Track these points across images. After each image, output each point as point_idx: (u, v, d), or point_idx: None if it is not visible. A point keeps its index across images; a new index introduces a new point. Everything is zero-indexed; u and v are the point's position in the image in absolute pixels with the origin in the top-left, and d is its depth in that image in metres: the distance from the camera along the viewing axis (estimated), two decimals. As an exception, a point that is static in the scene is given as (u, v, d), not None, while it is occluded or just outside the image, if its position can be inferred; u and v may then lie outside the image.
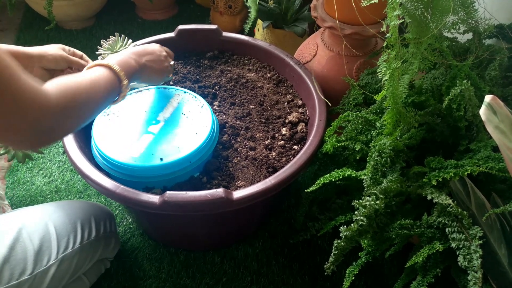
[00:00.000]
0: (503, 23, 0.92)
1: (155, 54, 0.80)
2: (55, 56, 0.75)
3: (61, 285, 0.76)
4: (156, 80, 0.85)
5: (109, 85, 0.64)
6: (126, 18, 1.77)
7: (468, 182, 0.68)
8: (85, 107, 0.59)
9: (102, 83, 0.63)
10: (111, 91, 0.65)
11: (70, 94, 0.55)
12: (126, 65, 0.69)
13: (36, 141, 0.52)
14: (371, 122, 0.81)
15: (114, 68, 0.66)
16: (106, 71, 0.65)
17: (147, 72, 0.77)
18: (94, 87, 0.61)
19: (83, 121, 0.61)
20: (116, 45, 0.95)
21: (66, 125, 0.56)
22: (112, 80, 0.65)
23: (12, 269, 0.67)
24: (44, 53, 0.74)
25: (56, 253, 0.73)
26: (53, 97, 0.52)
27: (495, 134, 0.54)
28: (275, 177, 0.78)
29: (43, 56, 0.74)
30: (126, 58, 0.71)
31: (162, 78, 0.85)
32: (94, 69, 0.64)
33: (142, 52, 0.77)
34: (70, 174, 1.18)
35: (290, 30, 1.30)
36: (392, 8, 0.61)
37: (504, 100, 0.81)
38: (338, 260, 0.68)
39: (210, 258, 1.00)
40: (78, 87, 0.57)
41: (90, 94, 0.59)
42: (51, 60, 0.75)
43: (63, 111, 0.53)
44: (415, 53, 0.67)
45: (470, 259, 0.60)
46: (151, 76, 0.81)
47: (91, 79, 0.61)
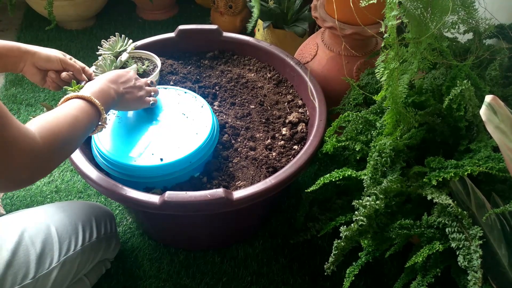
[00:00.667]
0: (504, 23, 0.92)
1: (131, 81, 0.78)
2: (48, 54, 0.75)
3: (63, 287, 0.76)
4: (132, 109, 0.84)
5: (89, 120, 0.64)
6: (126, 18, 1.77)
7: (468, 182, 0.68)
8: (68, 144, 0.60)
9: (84, 119, 0.63)
10: (91, 125, 0.65)
11: (54, 134, 0.56)
12: (105, 96, 0.68)
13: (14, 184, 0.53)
14: (371, 122, 0.81)
15: (95, 102, 0.65)
16: (86, 106, 0.64)
17: (124, 101, 0.76)
18: (75, 124, 0.61)
19: (65, 158, 0.62)
20: (116, 45, 0.95)
21: (50, 164, 0.57)
22: (92, 115, 0.65)
23: (15, 273, 0.67)
24: (38, 49, 0.75)
25: (58, 256, 0.73)
26: (40, 140, 0.53)
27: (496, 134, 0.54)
28: (275, 177, 0.78)
29: (36, 53, 0.74)
30: (105, 88, 0.70)
31: (138, 107, 0.83)
32: (74, 103, 0.63)
33: (118, 79, 0.75)
34: (70, 174, 1.18)
35: (291, 30, 1.30)
36: (390, 9, 0.61)
37: (504, 100, 0.81)
38: (338, 260, 0.68)
39: (210, 258, 1.00)
40: (61, 127, 0.58)
41: (71, 132, 0.59)
42: (43, 58, 0.75)
43: (49, 151, 0.55)
44: (414, 53, 0.67)
45: (470, 259, 0.60)
46: (128, 105, 0.79)
47: (72, 115, 0.61)
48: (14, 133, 0.48)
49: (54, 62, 0.76)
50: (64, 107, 0.62)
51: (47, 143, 0.54)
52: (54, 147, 0.56)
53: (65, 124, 0.58)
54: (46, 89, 1.44)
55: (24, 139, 0.50)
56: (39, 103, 1.38)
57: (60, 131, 0.57)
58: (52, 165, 0.58)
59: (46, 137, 0.54)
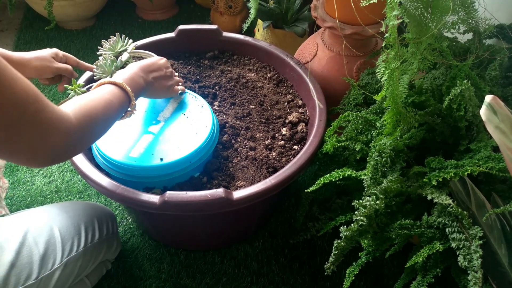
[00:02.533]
0: (504, 23, 0.92)
1: (162, 70, 0.81)
2: (37, 67, 0.77)
3: None
4: (161, 97, 0.87)
5: (120, 105, 0.67)
6: (126, 18, 1.77)
7: (468, 182, 0.68)
8: (101, 127, 0.63)
9: (115, 103, 0.65)
10: (121, 110, 0.68)
11: (89, 116, 0.58)
12: (134, 84, 0.71)
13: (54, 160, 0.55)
14: (371, 122, 0.81)
15: (126, 88, 0.68)
16: (118, 91, 0.67)
17: (152, 89, 0.79)
18: (109, 107, 0.64)
19: (96, 139, 0.65)
20: (116, 45, 0.95)
21: (83, 144, 0.60)
22: (123, 100, 0.68)
23: (18, 274, 0.68)
24: (27, 62, 0.76)
25: (61, 257, 0.74)
26: (74, 120, 0.55)
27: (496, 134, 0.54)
28: (275, 177, 0.78)
29: (25, 66, 0.76)
30: (135, 76, 0.72)
31: (167, 95, 0.86)
32: (107, 88, 0.66)
33: (149, 67, 0.77)
34: (70, 174, 1.18)
35: (290, 30, 1.30)
36: (391, 8, 0.61)
37: (504, 100, 0.81)
38: (338, 260, 0.68)
39: (210, 258, 1.00)
40: (95, 108, 0.60)
41: (105, 114, 0.62)
42: (33, 72, 0.77)
43: (83, 132, 0.57)
44: (414, 53, 0.67)
45: (470, 259, 0.60)
46: (156, 93, 0.82)
47: (106, 99, 0.64)
48: (51, 115, 0.51)
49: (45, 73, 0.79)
50: (98, 91, 0.65)
51: (81, 124, 0.56)
52: (87, 127, 0.58)
53: (98, 106, 0.61)
54: (46, 89, 1.44)
55: (60, 120, 0.52)
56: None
57: (94, 113, 0.59)
58: (84, 144, 0.61)
59: (80, 118, 0.56)
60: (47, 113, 0.50)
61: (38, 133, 0.50)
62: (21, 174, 1.18)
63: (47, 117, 0.50)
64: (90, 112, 0.59)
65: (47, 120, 0.50)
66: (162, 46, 1.08)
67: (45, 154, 0.53)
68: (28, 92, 0.48)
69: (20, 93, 0.47)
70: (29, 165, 0.59)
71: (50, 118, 0.51)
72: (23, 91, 0.47)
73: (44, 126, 0.50)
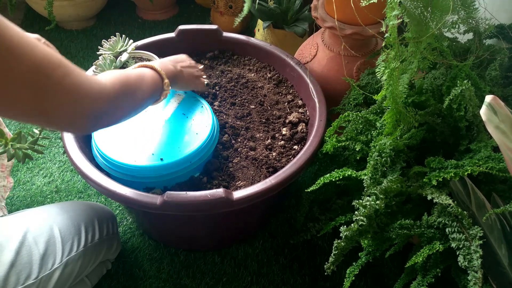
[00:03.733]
0: (504, 23, 0.92)
1: (186, 61, 0.85)
2: None
3: None
4: (193, 86, 0.89)
5: (153, 81, 0.69)
6: (126, 18, 1.77)
7: (469, 182, 0.68)
8: (134, 97, 0.63)
9: (148, 78, 0.68)
10: (155, 87, 0.70)
11: (122, 83, 0.59)
12: (165, 67, 0.74)
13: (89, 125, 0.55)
14: (371, 122, 0.81)
15: (156, 68, 0.71)
16: (149, 70, 0.70)
17: (183, 78, 0.82)
18: (141, 80, 0.66)
19: (129, 111, 0.64)
20: (117, 46, 0.95)
21: (117, 112, 0.60)
22: (155, 78, 0.70)
23: (18, 273, 0.67)
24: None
25: (61, 257, 0.74)
26: (108, 85, 0.56)
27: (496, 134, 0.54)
28: (275, 177, 0.78)
29: None
30: (164, 62, 0.77)
31: (198, 84, 0.89)
32: (138, 68, 0.70)
33: (174, 60, 0.82)
34: (70, 174, 1.18)
35: (291, 30, 1.30)
36: (391, 8, 0.61)
37: (504, 100, 0.81)
38: (338, 260, 0.68)
39: (210, 258, 1.00)
40: (128, 78, 0.61)
41: (138, 86, 0.64)
42: None
43: (117, 98, 0.57)
44: (414, 53, 0.67)
45: (470, 259, 0.60)
46: (188, 81, 0.85)
47: (138, 73, 0.66)
48: (79, 80, 0.50)
49: None
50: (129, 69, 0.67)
51: (117, 90, 0.57)
52: (123, 94, 0.59)
53: (131, 76, 0.62)
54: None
55: (91, 84, 0.52)
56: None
57: (127, 82, 0.61)
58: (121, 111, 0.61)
59: (115, 84, 0.57)
60: (75, 77, 0.50)
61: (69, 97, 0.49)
62: (21, 174, 1.18)
63: (76, 81, 0.50)
64: (124, 80, 0.60)
65: (77, 84, 0.50)
66: (162, 46, 1.08)
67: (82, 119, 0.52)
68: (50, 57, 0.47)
69: (43, 58, 0.46)
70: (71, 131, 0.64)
71: (79, 82, 0.50)
72: (45, 56, 0.46)
73: (74, 90, 0.50)
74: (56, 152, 1.24)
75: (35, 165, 1.20)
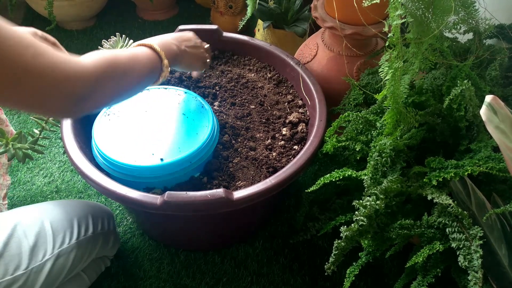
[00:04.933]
0: (504, 23, 0.92)
1: (192, 41, 0.81)
2: None
3: (58, 281, 0.75)
4: (196, 67, 0.84)
5: (149, 62, 0.65)
6: (126, 18, 1.77)
7: (469, 182, 0.68)
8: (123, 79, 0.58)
9: (142, 58, 0.63)
10: (151, 68, 0.65)
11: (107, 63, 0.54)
12: (167, 47, 0.70)
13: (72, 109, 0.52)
14: (372, 122, 0.81)
15: (155, 47, 0.66)
16: (147, 49, 0.66)
17: (187, 57, 0.78)
18: (133, 60, 0.61)
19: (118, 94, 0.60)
20: (117, 45, 0.95)
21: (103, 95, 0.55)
22: (152, 58, 0.66)
23: (6, 264, 0.67)
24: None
25: (52, 248, 0.73)
26: (90, 66, 0.52)
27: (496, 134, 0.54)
28: (275, 177, 0.78)
29: None
30: (167, 41, 0.72)
31: (201, 66, 0.85)
32: (135, 48, 0.66)
33: (180, 38, 0.77)
34: (70, 174, 1.18)
35: (291, 30, 1.30)
36: (394, 8, 0.61)
37: (504, 100, 0.81)
38: (338, 260, 0.68)
39: (210, 258, 1.00)
40: (115, 58, 0.57)
41: (128, 67, 0.59)
42: None
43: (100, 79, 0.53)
44: (416, 53, 0.67)
45: (470, 259, 0.60)
46: (191, 62, 0.81)
47: (131, 53, 0.62)
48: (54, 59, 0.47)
49: None
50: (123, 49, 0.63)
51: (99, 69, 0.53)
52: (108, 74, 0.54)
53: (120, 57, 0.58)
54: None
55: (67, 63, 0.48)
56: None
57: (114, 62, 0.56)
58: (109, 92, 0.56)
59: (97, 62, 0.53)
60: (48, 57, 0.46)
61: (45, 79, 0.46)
62: (21, 174, 1.18)
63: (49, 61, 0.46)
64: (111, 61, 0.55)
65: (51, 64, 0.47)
66: (162, 46, 1.08)
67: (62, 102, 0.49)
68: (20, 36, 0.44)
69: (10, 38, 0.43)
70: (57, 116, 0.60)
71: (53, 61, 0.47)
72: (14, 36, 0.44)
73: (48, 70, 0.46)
74: (56, 152, 1.24)
75: (35, 165, 1.20)
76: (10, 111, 1.36)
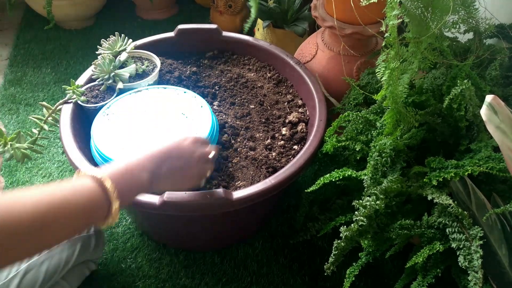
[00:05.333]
0: (504, 23, 0.92)
1: (183, 158, 0.60)
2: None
3: None
4: (184, 188, 0.65)
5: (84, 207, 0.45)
6: (126, 17, 1.77)
7: (469, 182, 0.68)
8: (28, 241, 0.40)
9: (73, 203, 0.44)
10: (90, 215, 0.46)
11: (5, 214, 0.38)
12: (128, 179, 0.51)
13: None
14: (372, 122, 0.81)
15: (102, 181, 0.47)
16: (89, 185, 0.46)
17: (167, 183, 0.59)
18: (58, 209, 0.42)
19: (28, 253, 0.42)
20: (116, 45, 0.95)
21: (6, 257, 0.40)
22: (94, 198, 0.46)
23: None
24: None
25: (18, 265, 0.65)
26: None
27: (496, 134, 0.54)
28: (275, 177, 0.78)
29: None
30: (135, 169, 0.52)
31: (193, 184, 0.65)
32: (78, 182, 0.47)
33: (165, 155, 0.57)
34: (69, 174, 1.18)
35: (291, 30, 1.30)
36: (391, 8, 0.61)
37: (505, 100, 0.81)
38: (338, 260, 0.68)
39: (210, 259, 1.00)
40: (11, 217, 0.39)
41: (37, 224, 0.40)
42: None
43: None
44: (415, 53, 0.67)
45: (470, 259, 0.59)
46: (174, 185, 0.61)
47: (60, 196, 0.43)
48: None
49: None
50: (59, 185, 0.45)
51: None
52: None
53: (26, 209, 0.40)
54: (45, 89, 1.43)
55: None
56: (38, 103, 1.38)
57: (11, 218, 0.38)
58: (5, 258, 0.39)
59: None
60: None
61: None
62: (20, 174, 1.17)
63: None
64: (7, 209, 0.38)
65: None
66: (161, 46, 1.08)
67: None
68: None
69: None
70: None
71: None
72: None
73: None
74: (55, 152, 1.24)
75: (34, 165, 1.20)
76: (9, 110, 1.35)
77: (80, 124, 0.89)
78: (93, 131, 0.84)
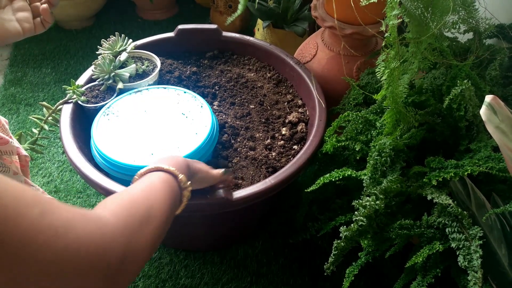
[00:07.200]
0: (504, 23, 0.92)
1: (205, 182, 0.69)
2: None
3: None
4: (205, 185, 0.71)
5: (167, 185, 0.53)
6: (126, 18, 1.77)
7: (468, 182, 0.68)
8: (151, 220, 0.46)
9: (157, 185, 0.52)
10: (171, 192, 0.53)
11: (126, 211, 0.43)
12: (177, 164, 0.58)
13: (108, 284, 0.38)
14: (371, 122, 0.81)
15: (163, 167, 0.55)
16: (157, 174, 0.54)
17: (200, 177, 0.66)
18: (150, 192, 0.50)
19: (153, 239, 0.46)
20: (116, 45, 0.95)
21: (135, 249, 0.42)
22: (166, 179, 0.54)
23: None
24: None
25: None
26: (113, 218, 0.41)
27: (496, 134, 0.54)
28: (275, 177, 0.78)
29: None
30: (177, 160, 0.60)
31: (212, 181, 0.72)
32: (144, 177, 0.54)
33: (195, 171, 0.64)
34: (69, 174, 1.18)
35: (290, 30, 1.30)
36: (391, 8, 0.61)
37: (504, 100, 0.81)
38: (338, 260, 0.68)
39: (210, 258, 1.00)
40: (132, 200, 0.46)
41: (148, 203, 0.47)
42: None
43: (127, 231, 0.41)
44: (415, 53, 0.67)
45: (470, 259, 0.59)
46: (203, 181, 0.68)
47: (143, 186, 0.51)
48: (65, 216, 0.36)
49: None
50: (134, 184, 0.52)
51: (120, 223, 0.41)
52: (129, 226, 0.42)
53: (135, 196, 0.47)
54: (45, 89, 1.44)
55: (84, 218, 0.38)
56: (38, 103, 1.38)
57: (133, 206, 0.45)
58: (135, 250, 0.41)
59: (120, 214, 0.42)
60: (57, 214, 0.35)
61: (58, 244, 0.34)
62: (21, 174, 1.17)
63: (58, 218, 0.35)
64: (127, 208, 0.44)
65: (62, 222, 0.35)
66: (161, 46, 1.08)
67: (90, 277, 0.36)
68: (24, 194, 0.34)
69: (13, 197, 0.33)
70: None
71: (65, 219, 0.36)
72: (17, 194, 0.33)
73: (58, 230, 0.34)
74: (55, 152, 1.24)
75: (34, 165, 1.20)
76: (9, 110, 1.36)
77: (80, 124, 0.89)
78: (93, 131, 0.84)
